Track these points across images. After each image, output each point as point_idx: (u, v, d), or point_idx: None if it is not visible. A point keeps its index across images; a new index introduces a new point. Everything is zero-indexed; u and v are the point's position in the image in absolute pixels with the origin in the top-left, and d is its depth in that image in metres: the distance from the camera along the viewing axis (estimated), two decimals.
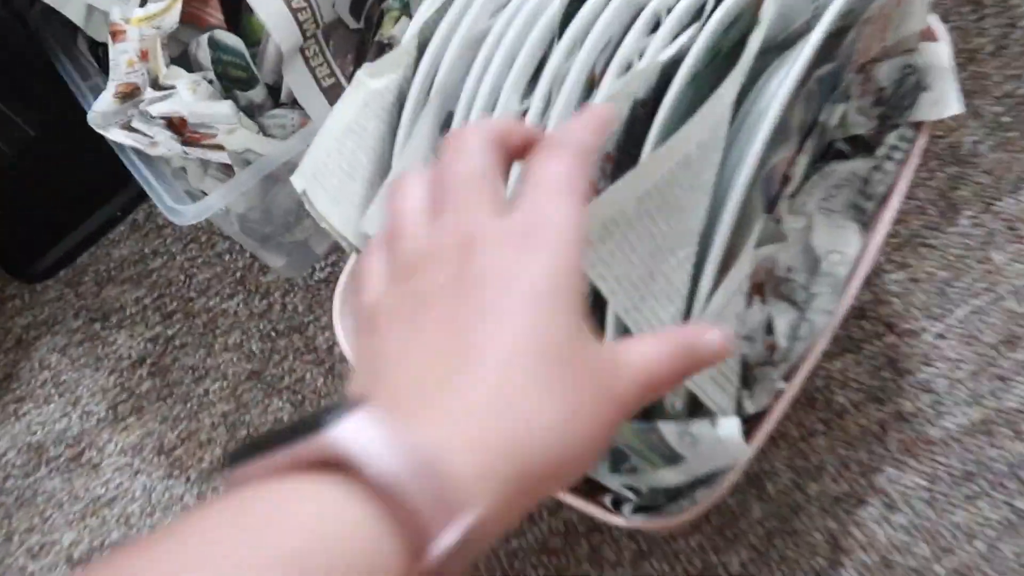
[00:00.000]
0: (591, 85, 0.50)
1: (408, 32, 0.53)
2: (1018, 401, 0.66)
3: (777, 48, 0.54)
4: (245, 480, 0.26)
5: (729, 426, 0.48)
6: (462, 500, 0.26)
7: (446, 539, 0.25)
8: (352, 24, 0.72)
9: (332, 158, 0.53)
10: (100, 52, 0.81)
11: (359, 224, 0.53)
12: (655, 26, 0.50)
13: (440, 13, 0.53)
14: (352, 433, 0.25)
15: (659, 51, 0.47)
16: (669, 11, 0.49)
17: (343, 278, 0.63)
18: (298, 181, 0.54)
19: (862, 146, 0.60)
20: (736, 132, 0.50)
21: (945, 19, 0.61)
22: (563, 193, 0.32)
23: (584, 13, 0.50)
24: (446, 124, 0.53)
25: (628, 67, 0.49)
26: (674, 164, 0.43)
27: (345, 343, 0.63)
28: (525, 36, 0.52)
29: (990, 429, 0.66)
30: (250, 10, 0.73)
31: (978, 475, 0.65)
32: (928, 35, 0.61)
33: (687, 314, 0.47)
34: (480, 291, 0.30)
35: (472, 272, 0.31)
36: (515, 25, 0.52)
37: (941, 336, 0.69)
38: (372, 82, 0.52)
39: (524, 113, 0.51)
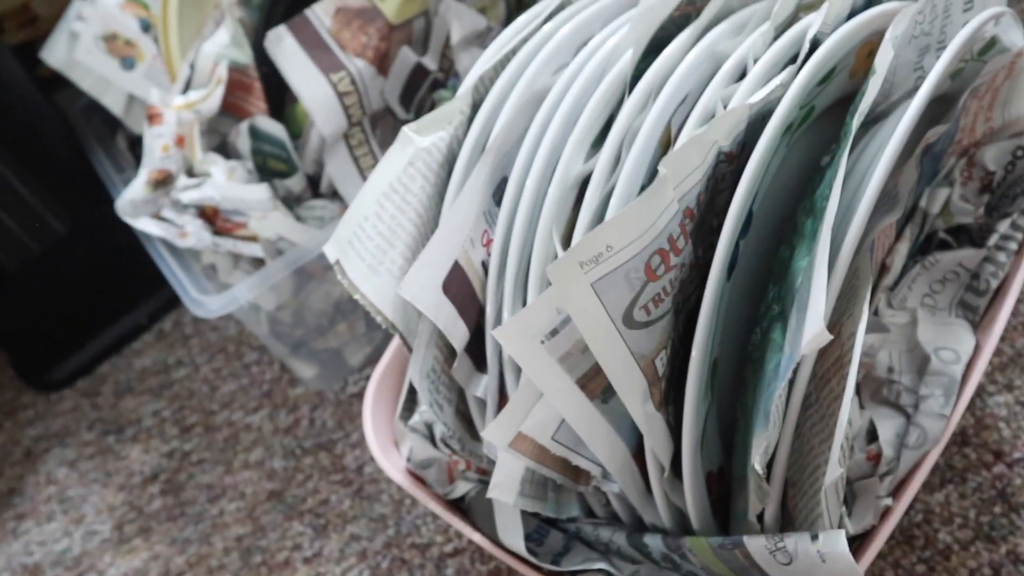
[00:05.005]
0: (666, 146, 0.44)
1: (462, 87, 0.48)
2: None
3: (874, 120, 0.48)
4: None
5: (834, 540, 0.39)
6: None
7: None
8: (401, 114, 0.68)
9: (370, 222, 0.47)
10: (138, 150, 0.77)
11: (397, 294, 0.46)
12: (740, 76, 0.44)
13: (497, 69, 0.48)
14: None
15: (747, 97, 0.42)
16: (756, 60, 0.44)
17: (376, 375, 0.56)
18: (331, 250, 0.47)
19: (966, 238, 0.53)
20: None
21: None
22: None
23: (658, 65, 0.45)
24: (499, 189, 0.47)
25: (711, 119, 0.43)
26: None
27: (378, 452, 0.55)
28: (591, 92, 0.46)
29: None
30: (295, 100, 0.69)
31: None
32: None
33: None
34: None
35: None
36: (579, 81, 0.46)
37: None
38: (419, 139, 0.47)
39: (588, 174, 0.45)
